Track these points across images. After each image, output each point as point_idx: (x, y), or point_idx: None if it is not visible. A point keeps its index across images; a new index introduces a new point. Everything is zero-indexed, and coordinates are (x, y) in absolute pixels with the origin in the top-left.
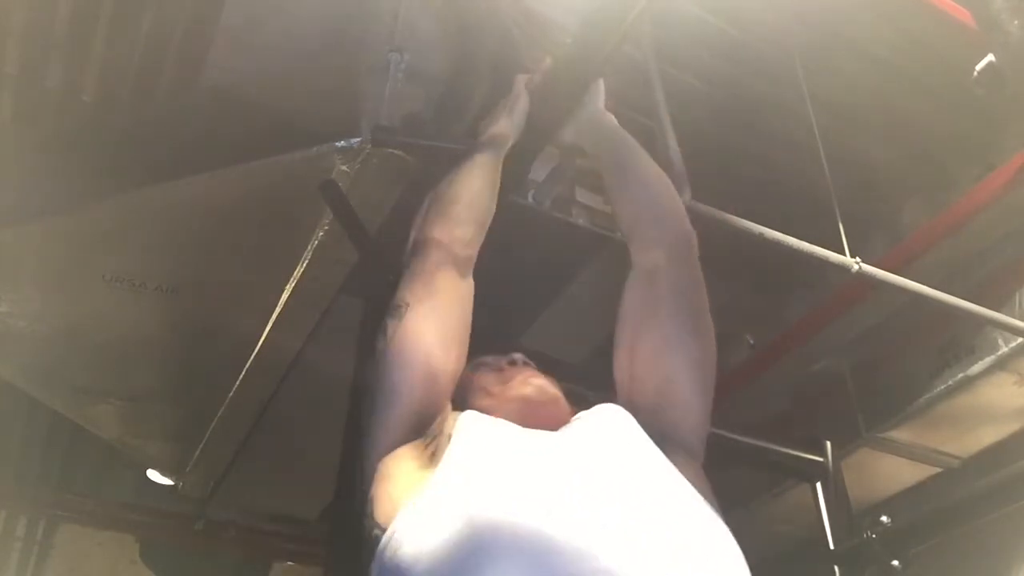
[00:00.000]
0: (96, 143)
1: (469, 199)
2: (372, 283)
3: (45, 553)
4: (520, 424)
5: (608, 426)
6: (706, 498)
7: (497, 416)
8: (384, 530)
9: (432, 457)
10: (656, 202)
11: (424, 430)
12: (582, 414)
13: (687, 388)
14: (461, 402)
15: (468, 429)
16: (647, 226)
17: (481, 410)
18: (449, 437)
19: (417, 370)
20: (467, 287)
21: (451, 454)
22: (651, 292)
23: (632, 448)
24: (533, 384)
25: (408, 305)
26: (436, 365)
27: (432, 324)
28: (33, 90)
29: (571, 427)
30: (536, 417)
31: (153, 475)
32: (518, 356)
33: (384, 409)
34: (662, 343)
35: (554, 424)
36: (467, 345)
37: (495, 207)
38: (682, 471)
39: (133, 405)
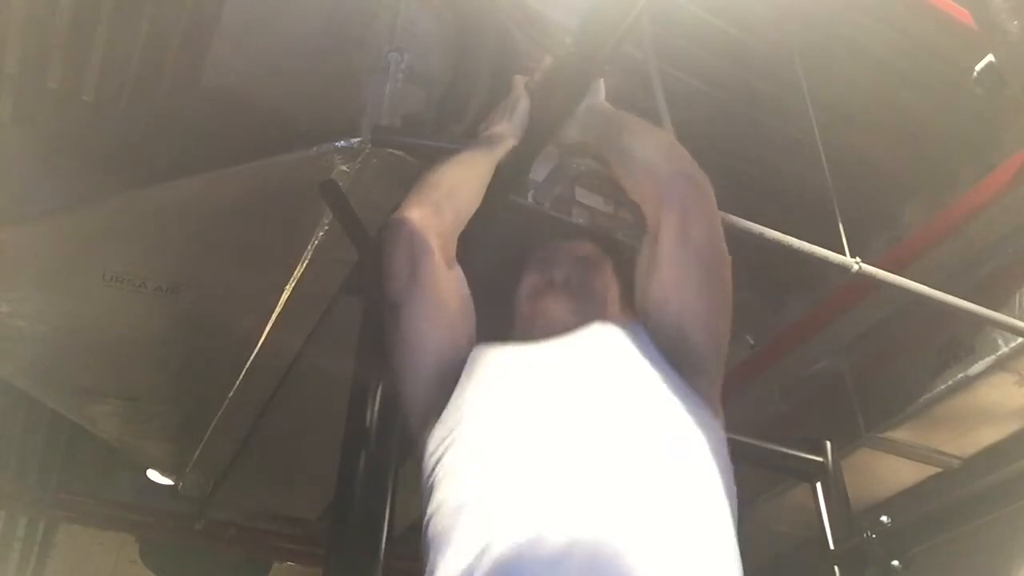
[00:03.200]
0: (96, 143)
1: (449, 187)
2: (372, 283)
3: (45, 553)
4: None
5: (609, 344)
6: (705, 429)
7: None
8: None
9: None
10: (650, 160)
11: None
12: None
13: (705, 309)
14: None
15: (473, 362)
16: (647, 185)
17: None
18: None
19: (431, 359)
20: (456, 273)
21: (460, 384)
22: (680, 234)
23: (608, 359)
24: (545, 319)
25: (401, 307)
26: (447, 348)
27: (434, 315)
28: (33, 90)
29: (572, 339)
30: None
31: (153, 475)
32: (559, 275)
33: (410, 397)
34: (685, 274)
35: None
36: (472, 311)
37: (478, 203)
38: (696, 393)
39: (133, 405)
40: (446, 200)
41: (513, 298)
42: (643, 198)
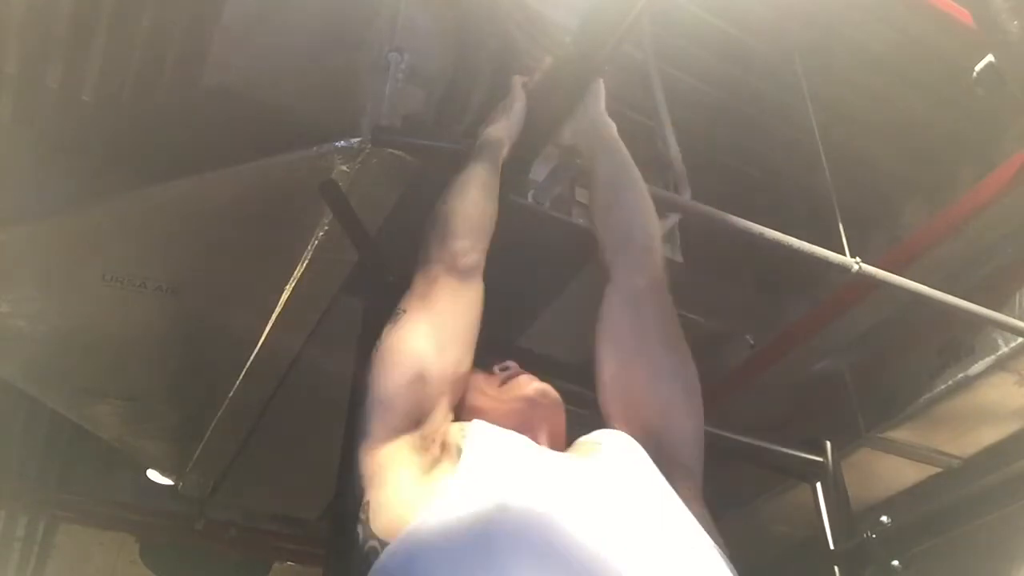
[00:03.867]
0: (96, 143)
1: (464, 211)
2: (372, 283)
3: (45, 553)
4: (521, 428)
5: (622, 455)
6: (708, 530)
7: (496, 417)
8: (384, 544)
9: (434, 464)
10: (646, 231)
11: (416, 428)
12: (584, 439)
13: (684, 413)
14: (458, 404)
15: (480, 442)
16: (635, 252)
17: (478, 408)
18: (459, 449)
19: (405, 370)
20: (471, 291)
21: (464, 468)
22: (637, 318)
23: (646, 479)
24: (536, 387)
25: (405, 312)
26: (426, 365)
27: (425, 327)
28: (33, 90)
29: (586, 455)
30: (542, 418)
31: (153, 475)
32: (511, 363)
33: (373, 410)
34: (657, 370)
35: (558, 432)
36: (471, 348)
37: (496, 210)
38: (685, 498)
39: (133, 405)
40: (463, 224)
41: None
42: (624, 258)
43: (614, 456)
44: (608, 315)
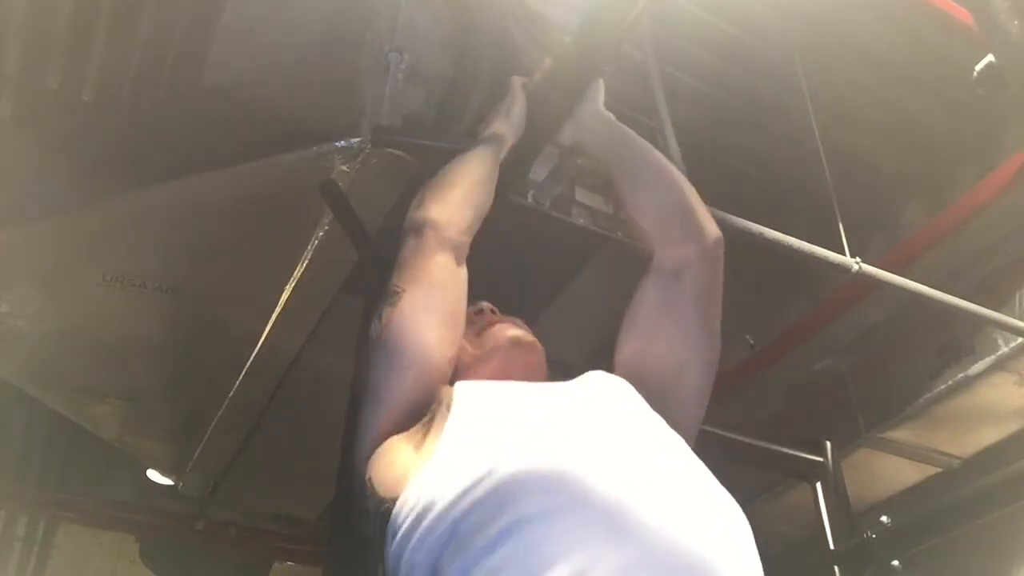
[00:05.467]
0: (96, 143)
1: (467, 185)
2: (372, 283)
3: (45, 553)
4: (504, 375)
5: (611, 387)
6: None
7: (477, 370)
8: (394, 500)
9: (428, 433)
10: (683, 201)
11: (417, 420)
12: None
13: (696, 382)
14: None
15: (467, 394)
16: (676, 225)
17: (460, 366)
18: (448, 407)
19: (411, 360)
20: (462, 274)
21: (456, 416)
22: (676, 287)
23: (638, 408)
24: (510, 335)
25: (404, 291)
26: (430, 355)
27: (427, 311)
28: (33, 90)
29: (568, 384)
30: (521, 365)
31: (153, 475)
32: (484, 304)
33: (376, 398)
34: (681, 336)
35: (538, 372)
36: (462, 329)
37: (491, 201)
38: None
39: (133, 405)
40: (465, 200)
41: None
42: (667, 232)
43: (601, 383)
44: (646, 283)
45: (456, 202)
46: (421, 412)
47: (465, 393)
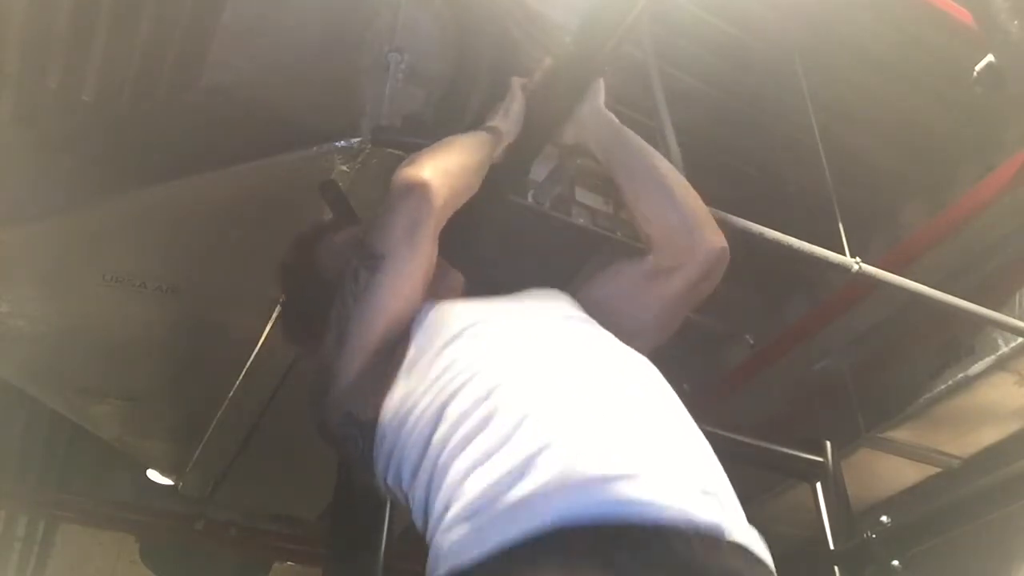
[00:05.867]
0: (96, 143)
1: (462, 162)
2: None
3: (45, 553)
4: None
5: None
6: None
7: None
8: (378, 411)
9: (393, 358)
10: (687, 211)
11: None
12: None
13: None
14: None
15: (426, 309)
16: (680, 235)
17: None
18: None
19: (387, 323)
20: (435, 250)
21: (417, 333)
22: (662, 283)
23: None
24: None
25: (385, 256)
26: (404, 317)
27: (408, 278)
28: (33, 90)
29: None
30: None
31: (153, 475)
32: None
33: (351, 351)
34: (640, 323)
35: None
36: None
37: (474, 191)
38: None
39: (133, 405)
40: (460, 174)
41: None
42: (671, 241)
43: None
44: (630, 265)
45: (452, 172)
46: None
47: (425, 309)
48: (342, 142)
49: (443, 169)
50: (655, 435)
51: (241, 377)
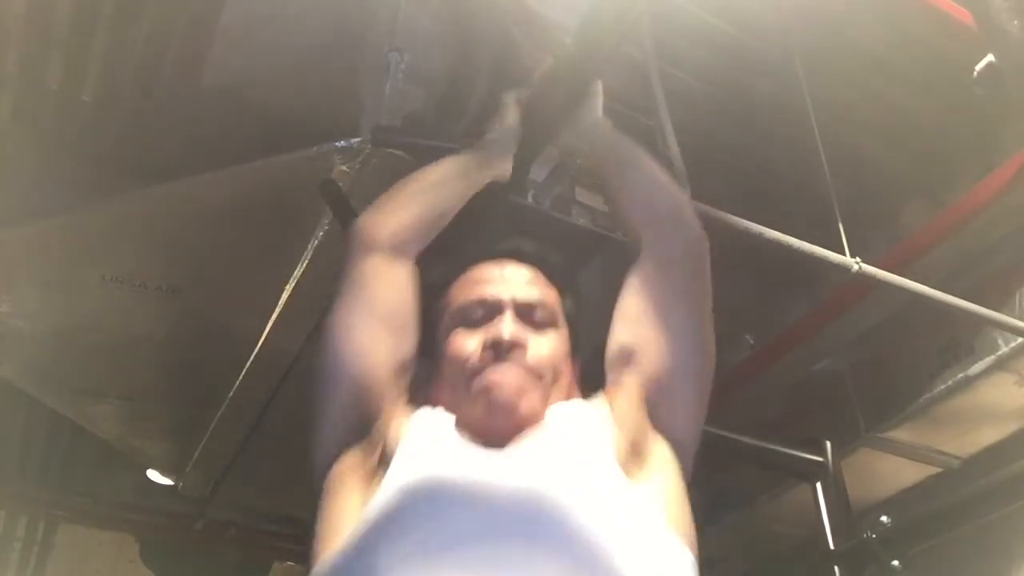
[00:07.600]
0: (96, 143)
1: (410, 191)
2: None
3: (45, 553)
4: (479, 424)
5: (550, 446)
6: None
7: (444, 400)
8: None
9: (377, 467)
10: (671, 199)
11: (363, 437)
12: (556, 409)
13: (685, 388)
14: (426, 378)
15: (408, 447)
16: (664, 221)
17: (436, 376)
18: (397, 443)
19: (348, 373)
20: (400, 274)
21: (388, 475)
22: (666, 280)
23: (569, 488)
24: (494, 396)
25: (339, 295)
26: (368, 363)
27: (360, 316)
28: (33, 90)
29: (523, 444)
30: (495, 423)
31: (153, 475)
32: (506, 341)
33: (321, 418)
34: (669, 331)
35: (509, 434)
36: (412, 330)
37: (449, 203)
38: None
39: (133, 405)
40: (404, 204)
41: (435, 345)
42: (654, 227)
43: (540, 448)
44: (634, 274)
45: (389, 208)
46: (366, 428)
47: (409, 441)
48: (342, 142)
49: (382, 206)
50: None
51: (241, 377)
